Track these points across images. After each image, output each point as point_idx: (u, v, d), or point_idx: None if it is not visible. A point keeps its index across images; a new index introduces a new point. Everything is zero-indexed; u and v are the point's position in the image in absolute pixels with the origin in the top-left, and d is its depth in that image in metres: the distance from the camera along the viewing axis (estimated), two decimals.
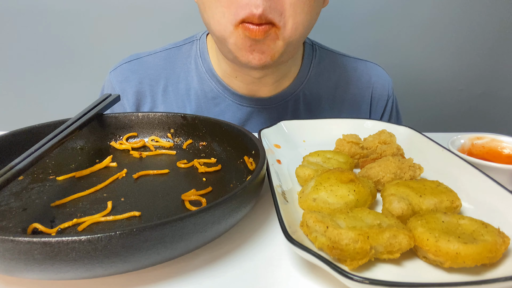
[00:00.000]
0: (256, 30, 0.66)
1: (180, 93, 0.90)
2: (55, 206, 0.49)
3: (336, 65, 0.95)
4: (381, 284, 0.33)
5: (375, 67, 0.99)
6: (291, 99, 0.90)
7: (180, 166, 0.61)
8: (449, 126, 1.62)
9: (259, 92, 0.88)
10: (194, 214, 0.37)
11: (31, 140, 0.56)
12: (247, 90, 0.88)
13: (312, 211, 0.42)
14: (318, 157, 0.59)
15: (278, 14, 0.67)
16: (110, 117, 0.67)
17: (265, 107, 0.89)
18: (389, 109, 0.98)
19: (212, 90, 0.89)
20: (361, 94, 0.95)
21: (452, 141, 0.64)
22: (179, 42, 0.94)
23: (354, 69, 0.96)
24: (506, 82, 1.57)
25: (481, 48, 1.51)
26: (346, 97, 0.95)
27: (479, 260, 0.36)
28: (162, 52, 0.93)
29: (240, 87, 0.87)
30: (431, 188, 0.47)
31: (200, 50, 0.90)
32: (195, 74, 0.90)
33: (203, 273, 0.40)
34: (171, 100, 0.90)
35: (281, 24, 0.68)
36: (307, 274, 0.40)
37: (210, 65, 0.88)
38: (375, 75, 0.97)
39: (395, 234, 0.38)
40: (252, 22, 0.66)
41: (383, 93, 0.97)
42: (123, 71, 0.91)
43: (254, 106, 0.89)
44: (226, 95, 0.88)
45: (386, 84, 0.97)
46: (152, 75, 0.91)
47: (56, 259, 0.33)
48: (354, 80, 0.95)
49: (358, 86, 0.95)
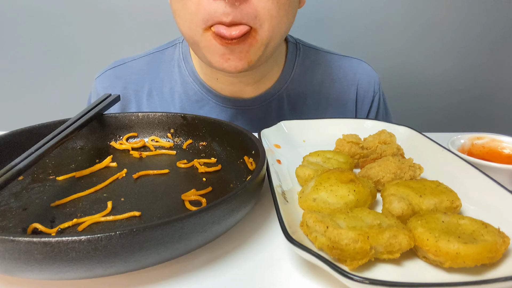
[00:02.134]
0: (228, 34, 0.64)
1: (165, 96, 0.90)
2: (55, 206, 0.49)
3: (321, 62, 0.94)
4: (381, 284, 0.33)
5: (360, 64, 0.97)
6: (274, 99, 0.89)
7: (180, 166, 0.61)
8: (449, 126, 1.62)
9: (242, 93, 0.88)
10: (194, 214, 0.37)
11: (31, 140, 0.56)
12: (230, 92, 0.87)
13: (312, 211, 0.42)
14: (318, 157, 0.58)
15: (252, 18, 0.64)
16: (110, 117, 0.67)
17: (248, 108, 0.89)
18: (376, 106, 0.97)
19: (195, 93, 0.88)
20: (346, 91, 0.94)
21: (452, 141, 0.64)
22: (162, 46, 0.94)
23: (339, 67, 0.95)
24: (506, 82, 1.57)
25: (481, 48, 1.51)
26: (331, 94, 0.93)
27: (479, 260, 0.36)
28: (146, 56, 0.93)
29: (223, 89, 0.87)
30: (431, 188, 0.47)
31: (183, 53, 0.90)
32: (178, 77, 0.90)
33: (203, 273, 0.40)
34: (156, 104, 0.90)
35: (257, 26, 0.66)
36: (307, 274, 0.40)
37: (193, 68, 0.88)
38: (361, 71, 0.96)
39: (395, 234, 0.38)
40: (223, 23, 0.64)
41: (369, 90, 0.95)
42: (108, 78, 0.91)
43: (237, 107, 0.88)
44: (209, 97, 0.88)
45: (372, 81, 0.96)
46: (136, 80, 0.91)
47: (56, 259, 0.33)
48: (339, 77, 0.94)
49: (343, 84, 0.94)
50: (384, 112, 0.99)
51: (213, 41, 0.67)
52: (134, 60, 0.93)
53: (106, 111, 0.68)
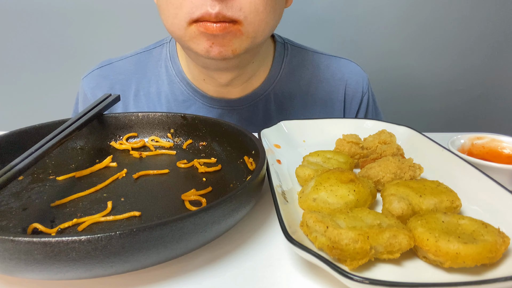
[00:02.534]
0: (213, 27, 0.64)
1: (151, 97, 0.90)
2: (55, 206, 0.49)
3: (308, 62, 0.93)
4: (381, 284, 0.33)
5: (348, 64, 0.97)
6: (261, 100, 0.89)
7: (180, 166, 0.61)
8: (449, 126, 1.62)
9: (229, 94, 0.88)
10: (194, 214, 0.37)
11: (31, 140, 0.56)
12: (217, 92, 0.87)
13: (312, 211, 0.42)
14: (318, 157, 0.59)
15: (237, 10, 0.65)
16: (110, 117, 0.67)
17: (235, 108, 0.88)
18: (365, 106, 0.96)
19: (182, 93, 0.88)
20: (334, 91, 0.94)
21: (452, 141, 0.64)
22: (150, 46, 0.94)
23: (327, 67, 0.94)
24: (506, 82, 1.57)
25: (481, 48, 1.51)
26: (318, 95, 0.93)
27: (479, 260, 0.36)
28: (133, 56, 0.93)
29: (209, 90, 0.87)
30: (431, 188, 0.47)
31: (170, 53, 0.90)
32: (165, 77, 0.89)
33: (203, 273, 0.40)
34: (143, 104, 0.90)
35: (242, 19, 0.66)
36: (307, 274, 0.40)
37: (180, 68, 0.88)
38: (349, 71, 0.95)
39: (395, 234, 0.38)
40: (209, 21, 0.65)
41: (357, 90, 0.95)
42: (94, 78, 0.91)
43: (224, 107, 0.88)
44: (196, 98, 0.88)
45: (361, 80, 0.95)
46: (123, 80, 0.90)
47: (56, 259, 0.33)
48: (327, 77, 0.94)
49: (331, 84, 0.94)
50: (374, 112, 0.99)
51: (197, 33, 0.67)
52: (121, 60, 0.93)
53: (106, 111, 0.68)
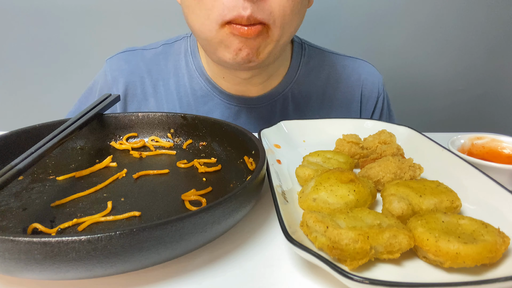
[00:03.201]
0: (246, 30, 0.65)
1: (170, 89, 0.91)
2: (55, 206, 0.49)
3: (326, 63, 0.94)
4: (381, 284, 0.33)
5: (365, 65, 0.98)
6: (279, 99, 0.90)
7: (180, 166, 0.61)
8: (449, 126, 1.62)
9: (248, 92, 0.88)
10: (194, 214, 0.37)
11: (31, 140, 0.56)
12: (236, 90, 0.88)
13: (312, 211, 0.42)
14: (318, 157, 0.59)
15: (268, 13, 0.66)
16: (110, 117, 0.67)
17: (253, 107, 0.89)
18: (380, 107, 0.97)
19: (201, 88, 0.89)
20: (351, 92, 0.95)
21: (452, 141, 0.64)
22: (171, 39, 0.95)
23: (344, 67, 0.95)
24: (506, 82, 1.57)
25: (481, 48, 1.51)
26: (335, 95, 0.94)
27: (479, 260, 0.36)
28: (157, 48, 0.94)
29: (228, 87, 0.88)
30: (431, 188, 0.47)
31: (191, 48, 0.91)
32: (185, 71, 0.90)
33: (203, 273, 0.40)
34: (161, 96, 0.91)
35: (271, 23, 0.67)
36: (307, 274, 0.40)
37: (200, 63, 0.89)
38: (365, 72, 0.96)
39: (395, 234, 0.38)
40: (240, 24, 0.65)
41: (373, 91, 0.96)
42: (118, 60, 0.92)
43: (242, 105, 0.89)
44: (214, 94, 0.89)
45: (376, 82, 0.96)
46: (143, 67, 0.92)
47: (56, 259, 0.33)
48: (344, 78, 0.94)
49: (347, 84, 0.94)
50: (388, 113, 1.00)
51: (228, 35, 0.68)
52: (144, 50, 0.94)
53: (106, 111, 0.68)
